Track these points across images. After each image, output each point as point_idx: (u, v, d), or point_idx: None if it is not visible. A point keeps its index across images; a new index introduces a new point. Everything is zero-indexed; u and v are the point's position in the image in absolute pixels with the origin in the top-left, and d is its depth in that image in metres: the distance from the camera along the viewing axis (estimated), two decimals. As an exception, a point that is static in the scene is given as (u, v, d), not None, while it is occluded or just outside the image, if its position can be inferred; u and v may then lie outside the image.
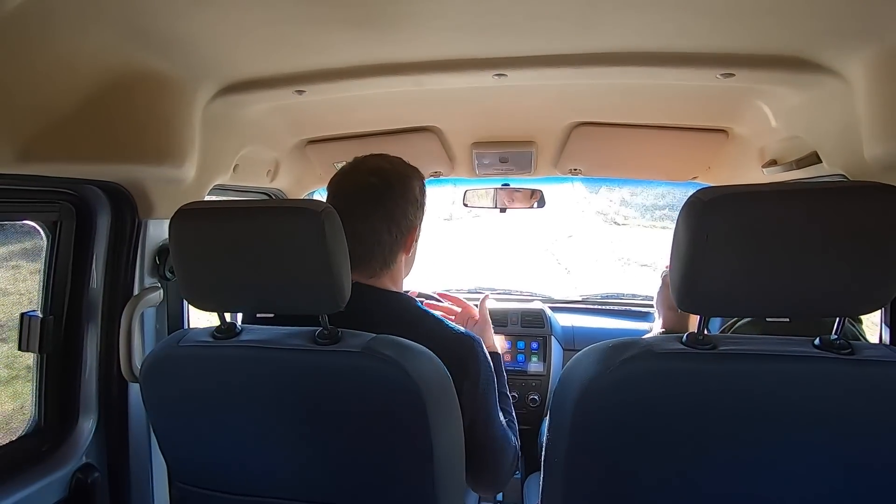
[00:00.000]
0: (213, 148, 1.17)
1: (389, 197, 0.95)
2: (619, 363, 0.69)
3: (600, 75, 1.06)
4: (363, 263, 0.95)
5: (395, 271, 1.00)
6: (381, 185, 0.95)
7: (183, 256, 0.80)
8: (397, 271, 1.01)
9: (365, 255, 0.95)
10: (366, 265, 0.96)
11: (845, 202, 0.64)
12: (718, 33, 0.86)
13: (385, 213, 0.94)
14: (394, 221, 0.95)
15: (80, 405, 1.09)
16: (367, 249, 0.94)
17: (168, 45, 0.88)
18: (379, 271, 0.97)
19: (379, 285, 0.97)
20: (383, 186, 0.95)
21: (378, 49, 0.97)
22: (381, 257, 0.96)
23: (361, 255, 0.94)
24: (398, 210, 0.96)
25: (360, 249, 0.93)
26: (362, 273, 0.96)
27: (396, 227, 0.96)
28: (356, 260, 0.93)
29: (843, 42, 0.83)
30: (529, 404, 1.88)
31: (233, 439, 0.84)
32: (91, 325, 1.08)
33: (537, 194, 1.98)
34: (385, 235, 0.95)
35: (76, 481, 1.03)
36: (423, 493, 0.80)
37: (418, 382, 0.74)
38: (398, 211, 0.96)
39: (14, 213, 0.97)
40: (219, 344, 0.81)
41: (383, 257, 0.96)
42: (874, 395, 0.65)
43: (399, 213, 0.96)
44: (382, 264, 0.96)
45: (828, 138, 1.02)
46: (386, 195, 0.95)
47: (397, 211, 0.96)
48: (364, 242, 0.94)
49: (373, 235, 0.94)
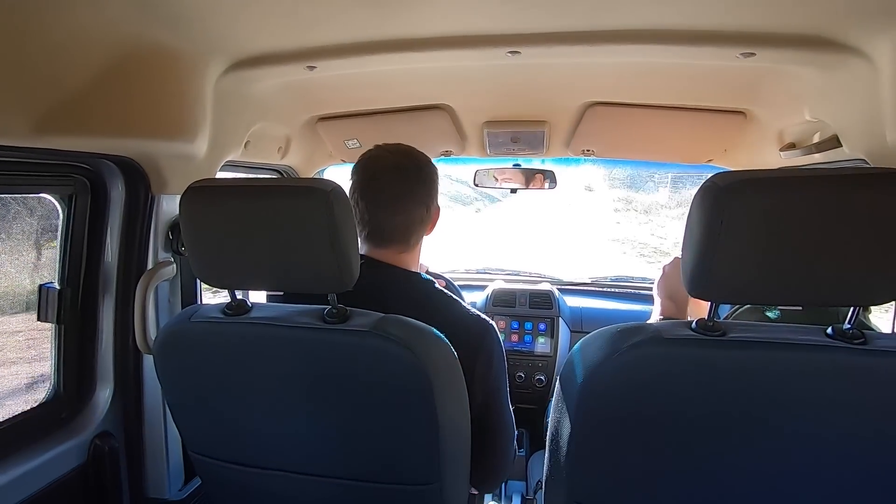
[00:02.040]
0: (224, 124, 1.17)
1: (425, 176, 0.99)
2: (627, 347, 0.69)
3: (616, 53, 1.03)
4: (395, 241, 0.97)
5: (417, 250, 1.02)
6: (414, 165, 0.98)
7: (193, 234, 0.81)
8: (418, 251, 1.03)
9: (397, 230, 0.97)
10: (397, 242, 0.98)
11: (865, 189, 0.62)
12: (739, 10, 0.83)
13: (413, 193, 0.97)
14: (430, 199, 1.00)
15: (98, 374, 1.12)
16: (401, 225, 0.97)
17: (180, 19, 0.87)
18: (408, 248, 0.99)
19: (400, 264, 0.98)
20: (416, 170, 0.98)
21: (390, 24, 0.96)
22: (413, 234, 0.99)
23: (393, 229, 0.97)
24: (425, 191, 0.99)
25: (395, 224, 0.96)
26: (390, 250, 0.98)
27: (428, 208, 1.00)
28: (389, 237, 0.97)
29: (870, 20, 0.80)
30: (536, 384, 1.90)
31: (243, 414, 0.86)
32: (107, 298, 1.11)
33: (549, 175, 1.97)
34: (422, 212, 0.98)
35: (94, 448, 1.07)
36: (430, 470, 0.82)
37: (425, 362, 0.75)
38: (425, 192, 0.99)
39: (30, 185, 0.98)
40: (229, 320, 0.83)
41: (416, 234, 0.99)
42: (886, 384, 0.65)
43: (426, 195, 0.99)
44: (415, 241, 1.00)
45: (850, 121, 0.99)
46: (422, 174, 0.98)
47: (424, 192, 0.98)
48: (400, 217, 0.96)
49: (411, 212, 0.97)
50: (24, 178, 0.95)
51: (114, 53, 0.83)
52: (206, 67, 1.05)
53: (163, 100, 0.98)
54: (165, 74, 0.97)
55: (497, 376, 0.95)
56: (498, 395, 0.97)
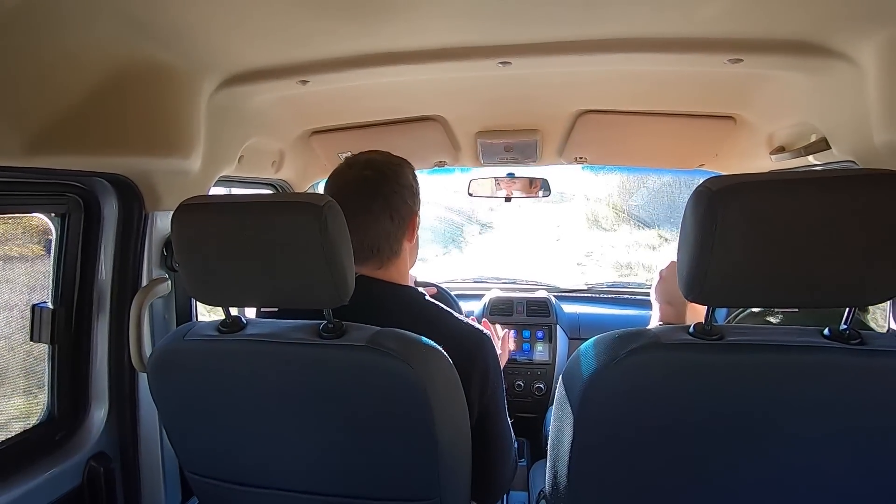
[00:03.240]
0: (218, 139, 1.17)
1: (385, 185, 0.96)
2: (626, 353, 0.69)
3: (606, 62, 1.04)
4: (371, 255, 0.96)
5: (401, 261, 1.00)
6: (376, 175, 0.96)
7: (186, 251, 0.80)
8: (403, 261, 1.01)
9: (372, 246, 0.95)
10: (374, 257, 0.96)
11: (857, 190, 0.63)
12: (726, 18, 0.85)
13: (384, 202, 0.95)
14: (394, 208, 0.96)
15: (92, 394, 1.11)
16: (372, 240, 0.95)
17: (172, 36, 0.88)
18: (386, 261, 0.97)
19: (387, 278, 0.97)
20: (378, 176, 0.96)
21: (382, 38, 0.96)
22: (387, 246, 0.96)
23: (368, 246, 0.95)
24: (396, 197, 0.97)
25: (367, 241, 0.94)
26: (370, 265, 0.96)
27: (397, 213, 0.97)
28: (364, 253, 0.94)
29: (854, 26, 0.81)
30: (535, 393, 1.89)
31: (239, 432, 0.85)
32: (101, 316, 1.10)
33: (542, 183, 1.98)
34: (388, 223, 0.96)
35: (90, 469, 1.05)
36: (429, 485, 0.81)
37: (422, 376, 0.74)
38: (396, 198, 0.97)
39: (23, 205, 0.98)
40: (224, 338, 0.82)
41: (389, 246, 0.97)
42: (884, 384, 0.65)
43: (398, 200, 0.97)
44: (390, 253, 0.97)
45: (837, 124, 1.00)
46: (382, 184, 0.96)
47: (395, 198, 0.97)
48: (368, 233, 0.94)
49: (376, 225, 0.95)
50: (16, 198, 0.95)
51: (107, 71, 0.84)
52: (200, 84, 1.05)
53: (156, 117, 0.98)
54: (159, 91, 0.97)
55: (493, 389, 0.94)
56: (495, 407, 0.96)
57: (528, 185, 1.99)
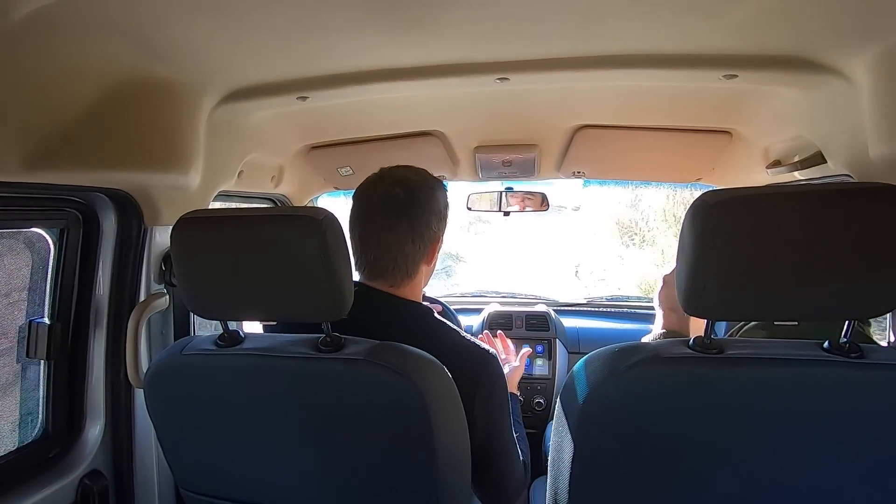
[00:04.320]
0: (217, 155, 1.18)
1: (415, 208, 0.94)
2: (626, 368, 0.68)
3: (603, 78, 1.06)
4: (386, 273, 0.94)
5: (416, 282, 0.98)
6: (407, 196, 0.94)
7: (185, 265, 0.80)
8: (418, 282, 0.99)
9: (388, 265, 0.94)
10: (389, 275, 0.94)
11: (853, 203, 0.63)
12: (721, 34, 0.86)
13: (410, 225, 0.93)
14: (418, 233, 0.94)
15: (87, 411, 1.09)
16: (390, 260, 0.93)
17: (173, 53, 0.89)
18: (400, 281, 0.95)
19: (399, 294, 0.96)
20: (409, 198, 0.94)
21: (380, 54, 0.98)
22: (403, 268, 0.94)
23: (385, 265, 0.94)
24: (422, 221, 0.95)
25: (385, 259, 0.93)
26: (384, 282, 0.95)
27: (420, 238, 0.95)
28: (379, 269, 0.94)
29: (847, 42, 0.83)
30: (535, 408, 1.87)
31: (236, 447, 0.84)
32: (98, 332, 1.09)
33: (541, 197, 1.99)
34: (409, 246, 0.94)
35: (83, 487, 1.03)
36: (428, 500, 0.80)
37: (421, 389, 0.74)
38: (422, 222, 0.95)
39: (22, 220, 0.98)
40: (222, 352, 0.81)
41: (405, 268, 0.95)
42: (884, 398, 0.65)
43: (423, 225, 0.95)
44: (405, 275, 0.95)
45: (832, 138, 1.01)
46: (412, 207, 0.94)
47: (422, 222, 0.94)
48: (388, 252, 0.93)
49: (396, 246, 0.93)
50: (15, 213, 0.95)
51: (108, 87, 0.84)
52: (200, 100, 1.06)
53: (157, 132, 0.99)
54: (159, 107, 0.97)
55: (498, 409, 0.93)
56: (500, 426, 0.94)
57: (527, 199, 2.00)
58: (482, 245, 8.75)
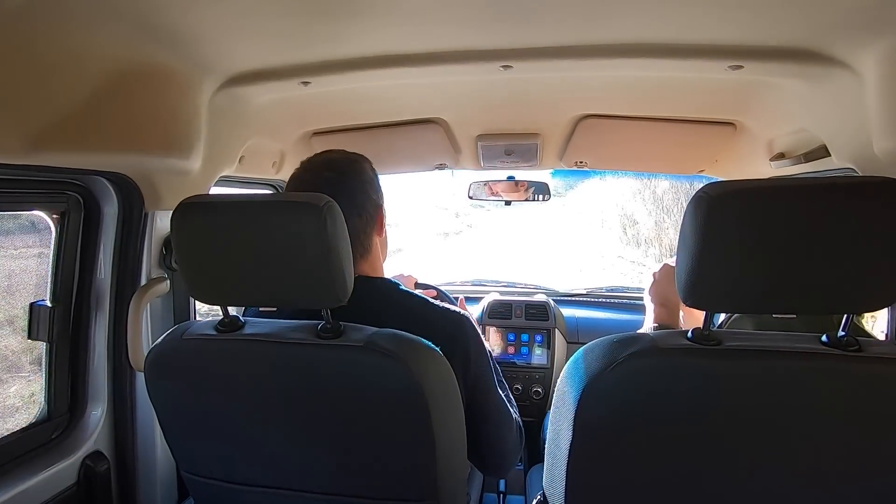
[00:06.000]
0: (218, 139, 1.17)
1: (347, 183, 0.97)
2: (624, 358, 0.69)
3: (607, 67, 1.05)
4: None
5: (373, 257, 1.01)
6: (336, 175, 0.97)
7: (185, 250, 0.80)
8: (375, 256, 1.02)
9: None
10: None
11: (855, 197, 0.63)
12: (727, 25, 0.85)
13: (348, 200, 0.93)
14: (358, 205, 0.97)
15: (89, 394, 1.10)
16: None
17: (174, 37, 0.88)
18: (360, 259, 0.97)
19: (360, 272, 0.96)
20: (338, 176, 0.97)
21: (384, 40, 0.97)
22: (357, 244, 0.95)
23: None
24: (360, 193, 0.97)
25: None
26: None
27: (363, 209, 0.97)
28: None
29: (855, 34, 0.82)
30: (533, 397, 1.89)
31: (236, 431, 0.85)
32: (99, 315, 1.10)
33: (542, 187, 1.98)
34: (356, 221, 0.95)
35: (85, 468, 1.05)
36: (426, 486, 0.81)
37: (420, 377, 0.74)
38: (360, 195, 0.97)
39: (23, 203, 0.98)
40: (221, 337, 0.82)
41: (360, 243, 0.97)
42: (882, 392, 0.65)
43: (361, 197, 0.98)
44: (362, 250, 0.97)
45: (837, 132, 1.01)
46: (343, 182, 0.96)
47: (359, 195, 0.97)
48: None
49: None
50: (16, 196, 0.95)
51: (109, 71, 0.84)
52: (201, 84, 1.05)
53: (157, 116, 0.98)
54: (160, 91, 0.97)
55: (479, 366, 0.94)
56: (484, 383, 0.96)
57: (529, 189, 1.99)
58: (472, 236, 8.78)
